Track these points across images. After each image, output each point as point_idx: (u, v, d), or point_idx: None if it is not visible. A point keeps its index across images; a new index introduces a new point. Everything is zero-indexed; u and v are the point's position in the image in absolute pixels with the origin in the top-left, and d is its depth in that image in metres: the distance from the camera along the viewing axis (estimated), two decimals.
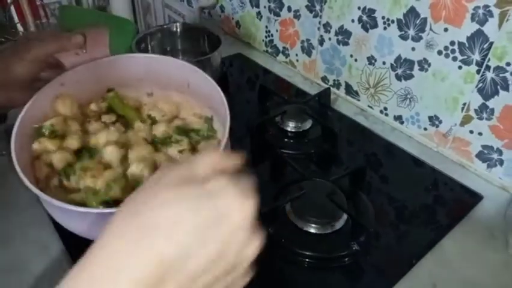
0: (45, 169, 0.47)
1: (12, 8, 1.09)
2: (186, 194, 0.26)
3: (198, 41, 0.87)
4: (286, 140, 0.70)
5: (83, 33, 0.53)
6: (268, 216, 0.52)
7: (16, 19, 1.11)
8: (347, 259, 0.50)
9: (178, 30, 0.86)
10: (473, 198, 0.61)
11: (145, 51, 0.81)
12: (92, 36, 0.54)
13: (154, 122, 0.57)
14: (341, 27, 0.77)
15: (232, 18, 1.05)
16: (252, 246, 0.28)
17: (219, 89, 0.53)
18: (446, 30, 0.61)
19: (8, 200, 0.56)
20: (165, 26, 0.86)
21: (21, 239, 0.52)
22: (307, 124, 0.72)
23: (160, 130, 0.54)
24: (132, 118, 0.56)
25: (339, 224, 0.53)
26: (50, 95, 0.51)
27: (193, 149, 0.53)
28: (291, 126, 0.71)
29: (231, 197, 0.27)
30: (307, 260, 0.50)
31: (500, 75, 0.57)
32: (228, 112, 0.49)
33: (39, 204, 0.56)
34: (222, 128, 0.53)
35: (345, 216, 0.54)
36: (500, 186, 0.63)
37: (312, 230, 0.52)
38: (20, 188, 0.58)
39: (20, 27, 1.07)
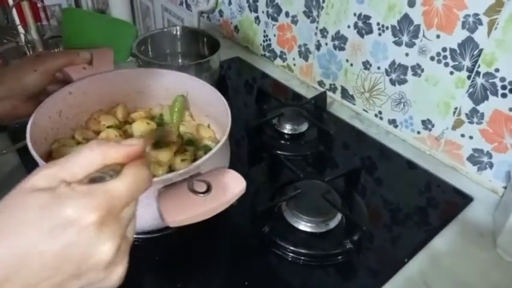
0: None
1: (13, 10, 1.11)
2: (36, 201, 0.26)
3: (197, 44, 0.89)
4: (282, 141, 0.72)
5: (91, 52, 0.58)
6: (264, 215, 0.54)
7: (17, 21, 1.12)
8: (340, 257, 0.52)
9: (178, 33, 0.88)
10: (464, 199, 0.63)
11: (145, 53, 0.82)
12: (98, 54, 0.58)
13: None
14: (337, 32, 0.79)
15: (231, 23, 1.07)
16: (101, 248, 0.27)
17: (219, 94, 0.56)
18: (438, 36, 0.63)
19: None
20: (165, 29, 0.88)
21: None
22: (304, 127, 0.73)
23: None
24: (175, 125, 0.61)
25: (333, 223, 0.54)
26: (58, 102, 0.55)
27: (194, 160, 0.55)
28: (287, 128, 0.73)
29: (77, 203, 0.26)
30: (302, 257, 0.52)
31: (490, 80, 0.59)
32: (229, 117, 0.51)
33: None
34: (221, 132, 0.56)
35: (339, 216, 0.55)
36: (490, 188, 0.65)
37: (307, 229, 0.54)
38: None
39: (21, 29, 1.08)
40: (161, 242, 0.53)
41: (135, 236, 0.54)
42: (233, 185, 0.44)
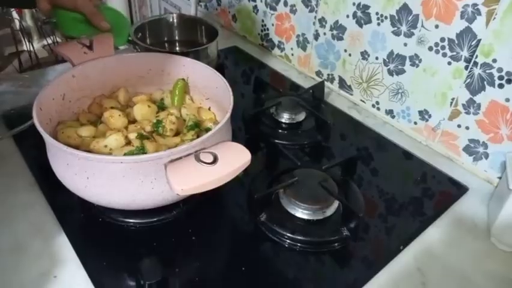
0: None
1: None
2: None
3: (195, 32, 0.88)
4: (280, 130, 0.72)
5: (91, 40, 0.59)
6: (261, 202, 0.54)
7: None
8: (337, 244, 0.52)
9: (175, 21, 0.87)
10: (459, 190, 0.63)
11: (143, 40, 0.81)
12: (99, 39, 0.60)
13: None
14: (336, 22, 0.79)
15: (229, 12, 1.06)
16: None
17: (220, 75, 0.57)
18: (436, 27, 0.63)
19: (5, 183, 0.57)
20: (163, 17, 0.87)
21: (20, 220, 0.53)
22: (301, 116, 0.73)
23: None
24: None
25: (330, 211, 0.55)
26: (62, 85, 0.56)
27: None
28: (285, 117, 0.73)
29: None
30: (299, 244, 0.52)
31: (487, 71, 0.59)
32: (231, 94, 0.53)
33: (37, 186, 0.57)
34: (222, 115, 0.56)
35: (336, 204, 0.55)
36: (485, 178, 0.65)
37: (304, 216, 0.54)
38: (18, 172, 0.59)
39: (15, 15, 1.07)
40: (159, 229, 0.53)
41: (133, 221, 0.54)
42: (238, 157, 0.46)
